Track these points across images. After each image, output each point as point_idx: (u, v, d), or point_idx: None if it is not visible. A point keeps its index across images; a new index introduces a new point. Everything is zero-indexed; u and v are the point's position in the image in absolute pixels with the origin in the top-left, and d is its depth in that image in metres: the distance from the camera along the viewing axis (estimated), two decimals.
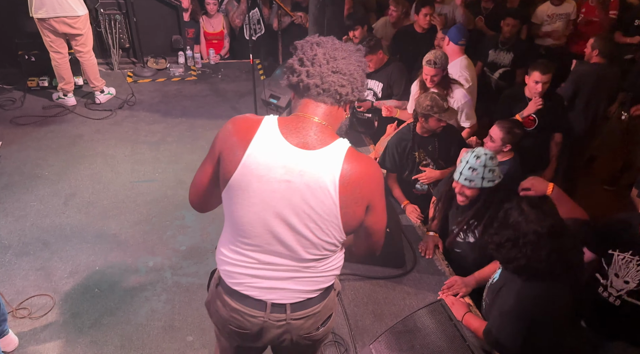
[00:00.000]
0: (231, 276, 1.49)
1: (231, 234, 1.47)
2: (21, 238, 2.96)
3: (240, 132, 1.37)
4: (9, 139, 3.96)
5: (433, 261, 2.87)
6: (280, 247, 1.42)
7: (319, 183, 1.33)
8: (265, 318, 1.49)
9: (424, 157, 3.18)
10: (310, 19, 3.91)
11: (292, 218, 1.37)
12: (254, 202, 1.37)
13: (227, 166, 1.37)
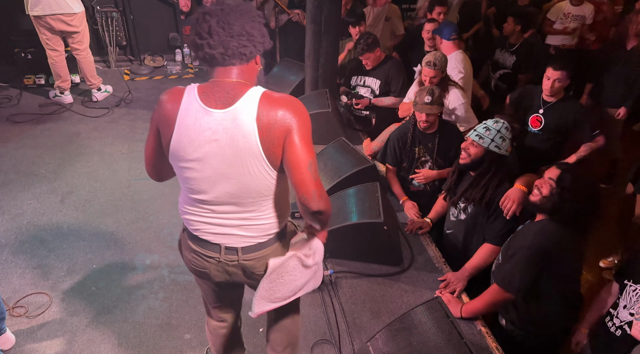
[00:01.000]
0: (190, 224, 1.71)
1: (185, 192, 1.67)
2: (18, 236, 2.95)
3: (168, 105, 1.53)
4: (5, 137, 3.95)
5: (430, 259, 2.88)
6: (226, 198, 1.59)
7: (242, 133, 1.48)
8: (220, 259, 1.70)
9: (423, 153, 3.19)
10: (308, 16, 3.90)
11: (229, 171, 1.53)
12: (194, 165, 1.54)
13: (165, 137, 1.56)
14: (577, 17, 5.11)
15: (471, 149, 2.53)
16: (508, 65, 4.52)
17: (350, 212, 2.78)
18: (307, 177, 1.54)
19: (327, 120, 3.84)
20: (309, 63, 4.11)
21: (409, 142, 3.19)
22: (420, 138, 3.15)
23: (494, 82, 4.64)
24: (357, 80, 4.12)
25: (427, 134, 3.11)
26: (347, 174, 3.10)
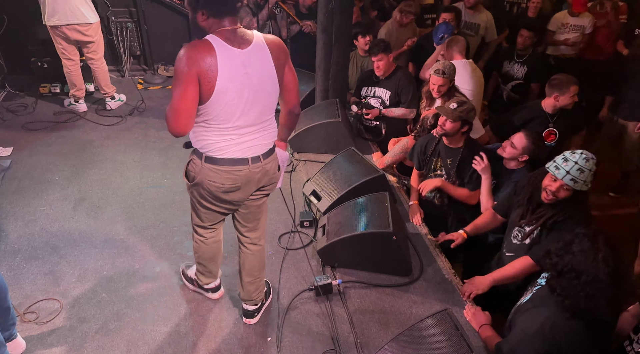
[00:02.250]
0: (221, 150, 2.04)
1: (216, 124, 1.99)
2: (30, 242, 2.99)
3: (207, 55, 1.84)
4: (20, 144, 4.01)
5: (440, 270, 2.86)
6: (252, 118, 2.02)
7: (262, 62, 1.96)
8: (250, 169, 2.10)
9: (439, 166, 3.16)
10: (319, 27, 3.94)
11: (259, 95, 1.99)
12: (235, 97, 1.92)
13: (209, 81, 1.85)
14: (576, 27, 5.09)
15: (562, 192, 2.30)
16: (520, 76, 4.51)
17: (359, 221, 2.78)
18: (297, 93, 2.22)
19: (337, 129, 3.86)
20: (319, 73, 4.14)
21: (430, 151, 3.17)
22: (441, 150, 3.12)
23: (506, 94, 4.62)
24: (367, 90, 4.14)
25: (449, 148, 3.07)
26: (357, 184, 3.11)
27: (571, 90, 3.22)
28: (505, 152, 2.91)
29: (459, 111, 2.90)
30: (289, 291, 2.71)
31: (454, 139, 3.04)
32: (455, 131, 2.97)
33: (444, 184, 3.11)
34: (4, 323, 2.20)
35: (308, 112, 4.10)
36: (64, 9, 4.03)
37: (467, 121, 2.96)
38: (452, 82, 3.41)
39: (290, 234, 3.15)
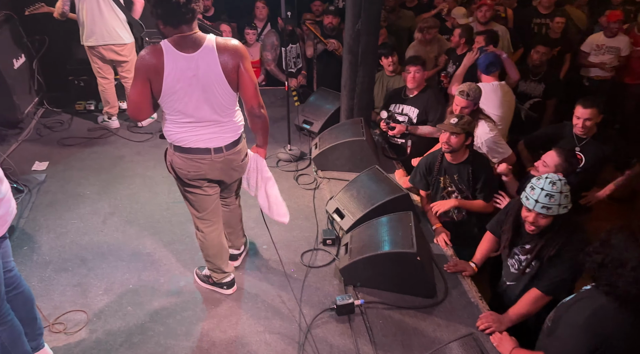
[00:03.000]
0: (183, 140, 2.32)
1: (175, 118, 2.28)
2: (61, 254, 3.08)
3: (154, 58, 2.13)
4: (55, 159, 4.17)
5: (465, 293, 2.79)
6: (209, 113, 2.28)
7: (209, 65, 2.18)
8: (212, 158, 2.36)
9: (449, 184, 3.14)
10: (345, 47, 3.99)
11: (207, 94, 2.22)
12: (182, 96, 2.20)
13: (158, 82, 2.15)
14: (611, 48, 4.99)
15: (541, 220, 2.27)
16: (537, 94, 4.45)
17: (382, 241, 2.75)
18: (255, 93, 2.35)
19: (361, 148, 3.86)
20: (344, 92, 4.18)
21: (435, 171, 3.17)
22: (446, 168, 3.12)
23: (524, 113, 4.55)
24: (395, 108, 4.14)
25: (453, 165, 3.08)
26: (380, 202, 3.09)
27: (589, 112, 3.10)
28: (539, 171, 2.85)
29: (460, 124, 2.92)
30: (310, 309, 2.70)
31: (457, 154, 3.04)
32: (461, 145, 2.97)
33: (460, 202, 3.11)
34: (31, 333, 2.26)
35: (332, 130, 4.13)
36: (101, 30, 4.22)
37: (470, 133, 2.98)
38: (477, 105, 3.39)
39: (312, 252, 3.15)
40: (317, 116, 4.62)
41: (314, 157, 4.05)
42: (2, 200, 1.92)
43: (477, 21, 5.10)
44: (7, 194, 1.97)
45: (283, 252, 3.14)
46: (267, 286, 2.88)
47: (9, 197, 1.99)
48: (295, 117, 4.63)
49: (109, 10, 4.17)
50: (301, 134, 4.66)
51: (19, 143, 4.41)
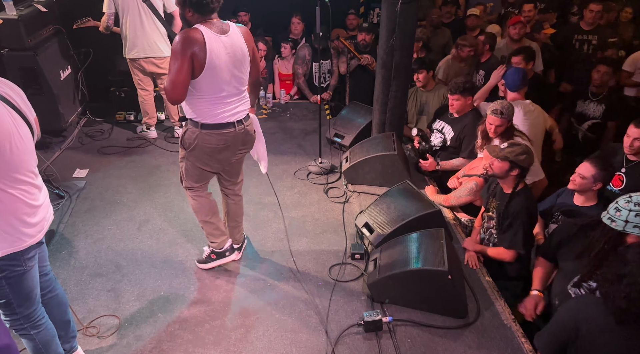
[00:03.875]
0: (215, 117, 2.61)
1: (210, 95, 2.56)
2: (97, 260, 3.17)
3: (197, 40, 2.39)
4: (95, 167, 4.33)
5: (499, 314, 2.71)
6: (234, 88, 2.62)
7: (240, 44, 2.57)
8: (236, 130, 2.70)
9: (492, 208, 3.03)
10: (379, 62, 4.00)
11: (237, 70, 2.59)
12: (220, 72, 2.51)
13: (201, 60, 2.42)
14: None
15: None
16: (597, 115, 4.27)
17: (412, 258, 2.71)
18: (260, 66, 2.93)
19: (392, 162, 3.84)
20: (377, 106, 4.18)
21: (491, 190, 3.07)
22: (498, 193, 2.98)
23: (581, 135, 4.40)
24: (438, 123, 4.10)
25: (502, 192, 2.93)
26: (411, 218, 3.06)
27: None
28: (576, 184, 2.75)
29: (506, 151, 2.78)
30: (337, 324, 2.68)
31: (505, 183, 2.90)
32: (504, 173, 2.82)
33: (481, 248, 3.05)
34: (65, 335, 2.33)
35: (364, 144, 4.13)
36: (143, 44, 4.38)
37: (517, 164, 2.77)
38: (510, 123, 3.31)
39: (340, 266, 3.13)
40: (348, 129, 4.64)
41: (345, 171, 4.05)
42: (40, 207, 2.00)
43: (510, 38, 5.01)
44: (45, 201, 2.05)
45: (311, 265, 3.14)
46: (295, 298, 2.87)
47: (47, 204, 2.07)
48: (326, 131, 4.65)
49: (151, 24, 4.34)
50: (332, 147, 4.67)
51: (61, 151, 4.60)
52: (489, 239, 3.08)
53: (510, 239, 2.84)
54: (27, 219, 1.92)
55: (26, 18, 4.20)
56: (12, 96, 1.87)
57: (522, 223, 2.79)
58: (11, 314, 2.01)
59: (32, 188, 1.94)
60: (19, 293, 1.97)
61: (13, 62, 4.23)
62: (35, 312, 2.07)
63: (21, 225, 1.90)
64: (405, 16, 3.65)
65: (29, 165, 1.93)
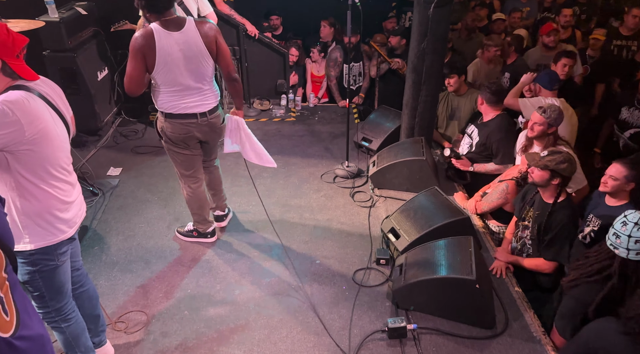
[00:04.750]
0: (173, 108, 2.84)
1: (166, 88, 2.78)
2: (127, 256, 3.25)
3: (147, 39, 2.61)
4: (128, 165, 4.44)
5: (528, 326, 2.63)
6: (193, 82, 2.80)
7: (194, 40, 2.70)
8: (198, 122, 2.89)
9: (529, 217, 2.94)
10: (409, 66, 3.97)
11: (191, 65, 2.75)
12: (173, 68, 2.70)
13: (151, 57, 2.64)
14: None
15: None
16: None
17: (439, 265, 2.67)
18: (231, 61, 2.91)
19: (420, 168, 3.79)
20: (406, 111, 4.14)
21: (528, 198, 2.97)
22: (538, 202, 2.89)
23: (622, 142, 4.23)
24: (470, 127, 4.05)
25: (542, 201, 2.84)
26: (439, 225, 3.01)
27: None
28: (608, 186, 2.65)
29: (547, 159, 2.69)
30: (360, 329, 2.66)
31: (546, 192, 2.81)
32: (544, 182, 2.74)
33: (515, 259, 2.97)
34: (95, 329, 2.39)
35: (392, 148, 4.09)
36: None
37: (558, 173, 2.68)
38: (553, 128, 3.20)
39: (365, 271, 3.11)
40: (376, 133, 4.61)
41: (371, 175, 4.03)
42: (73, 203, 2.07)
43: (544, 46, 4.87)
44: (78, 198, 2.12)
45: (335, 269, 3.14)
46: (318, 301, 2.87)
47: (80, 201, 2.14)
48: (354, 134, 4.64)
49: None
50: (359, 151, 4.66)
51: (97, 149, 4.75)
52: (522, 249, 2.99)
53: (555, 252, 2.75)
54: (60, 214, 1.99)
55: (67, 21, 4.36)
56: (51, 95, 1.94)
57: (568, 236, 2.71)
58: (43, 307, 2.08)
59: (65, 185, 2.01)
60: (51, 286, 2.04)
61: (54, 63, 4.41)
62: (66, 306, 2.14)
63: (54, 220, 1.97)
64: (438, 20, 3.61)
65: (63, 162, 2.00)
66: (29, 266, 1.96)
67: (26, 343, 1.21)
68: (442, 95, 4.47)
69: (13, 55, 1.75)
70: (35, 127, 1.79)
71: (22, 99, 1.76)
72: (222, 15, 5.05)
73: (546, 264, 2.81)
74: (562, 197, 2.77)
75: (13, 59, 1.76)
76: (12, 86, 1.79)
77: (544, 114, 3.13)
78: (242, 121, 3.09)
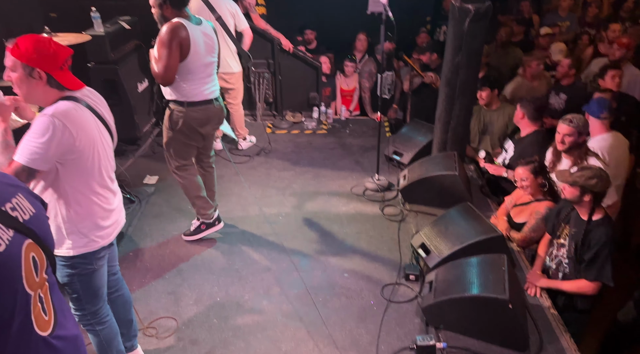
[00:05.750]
0: (199, 95, 3.08)
1: (193, 76, 3.01)
2: (160, 263, 3.33)
3: (183, 30, 2.84)
4: (164, 174, 4.56)
5: (564, 350, 2.53)
6: (211, 70, 3.12)
7: (211, 33, 3.08)
8: (215, 105, 3.20)
9: (564, 236, 2.84)
10: (442, 80, 3.94)
11: (210, 55, 3.08)
12: (201, 56, 2.99)
13: (186, 46, 2.88)
14: None
15: None
16: None
17: (470, 283, 2.61)
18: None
19: (452, 183, 3.73)
20: (438, 125, 4.10)
21: (563, 215, 2.87)
22: (572, 217, 2.79)
23: None
24: (507, 142, 4.00)
25: (579, 218, 2.74)
26: (471, 242, 2.94)
27: None
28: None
29: (576, 175, 2.60)
30: (388, 346, 2.62)
31: (581, 209, 2.71)
32: (576, 198, 2.64)
33: (552, 284, 2.85)
34: (127, 333, 2.45)
35: (423, 162, 4.05)
36: None
37: (588, 189, 2.58)
38: (582, 137, 3.11)
39: (394, 286, 3.07)
40: (408, 147, 4.58)
41: (402, 189, 3.99)
42: (114, 211, 2.14)
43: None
44: (118, 206, 2.20)
45: (363, 283, 3.11)
46: (346, 315, 2.85)
47: (120, 208, 2.22)
48: (385, 148, 4.62)
49: (222, 42, 4.54)
50: (390, 164, 4.63)
51: (135, 158, 4.91)
52: (558, 269, 2.89)
53: (597, 271, 2.63)
54: (101, 222, 2.06)
55: (111, 34, 4.57)
56: (97, 105, 2.03)
57: (610, 254, 2.60)
58: (80, 310, 2.15)
59: (108, 192, 2.09)
60: (88, 289, 2.11)
61: (98, 74, 4.61)
62: (101, 309, 2.20)
63: (95, 228, 2.04)
64: (473, 34, 3.58)
65: (107, 171, 2.08)
66: (69, 268, 2.04)
67: (62, 343, 1.25)
68: (475, 109, 4.41)
69: (57, 67, 1.83)
70: (83, 136, 1.87)
71: (71, 110, 1.85)
72: (258, 30, 5.17)
73: (588, 285, 2.68)
74: (599, 214, 2.66)
75: (57, 71, 1.83)
76: (61, 98, 1.88)
77: (571, 124, 3.06)
78: None
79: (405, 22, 4.32)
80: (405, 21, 5.25)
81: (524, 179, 3.18)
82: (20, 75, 1.80)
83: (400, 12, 3.88)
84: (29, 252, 1.17)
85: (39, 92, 1.85)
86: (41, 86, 1.83)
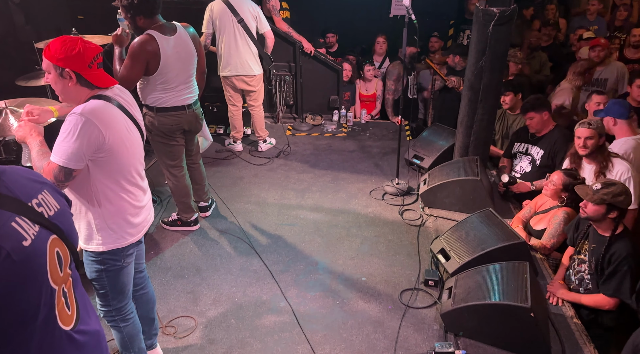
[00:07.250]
0: (167, 102, 3.17)
1: (163, 86, 3.10)
2: (180, 262, 3.37)
3: (152, 46, 2.91)
4: None
5: None
6: (183, 79, 3.18)
7: (186, 42, 3.13)
8: (187, 112, 3.28)
9: (584, 251, 2.76)
10: (466, 83, 3.89)
11: (184, 65, 3.15)
12: (171, 69, 3.06)
13: (155, 61, 2.97)
14: None
15: None
16: None
17: (491, 290, 2.56)
18: (204, 59, 3.42)
19: (474, 188, 3.68)
20: (460, 129, 4.05)
21: (582, 230, 2.80)
22: (592, 234, 2.71)
23: None
24: (519, 147, 3.91)
25: (597, 233, 2.66)
26: (492, 248, 2.89)
27: None
28: None
29: (602, 193, 2.50)
30: (406, 351, 2.59)
31: (601, 225, 2.62)
32: (600, 216, 2.56)
33: (574, 298, 2.76)
34: (148, 331, 2.48)
35: (444, 167, 4.01)
36: (236, 62, 4.66)
37: (615, 206, 2.49)
38: (602, 139, 3.03)
39: (412, 291, 3.04)
40: (429, 151, 4.54)
41: (422, 193, 3.95)
42: (143, 208, 2.18)
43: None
44: (147, 204, 2.24)
45: (381, 287, 3.09)
46: (363, 320, 2.83)
47: (149, 206, 2.26)
48: (405, 152, 4.59)
49: (244, 44, 4.61)
50: (410, 168, 4.60)
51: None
52: (581, 284, 2.80)
53: (615, 287, 2.56)
54: (131, 219, 2.10)
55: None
56: (128, 103, 2.07)
57: (629, 270, 2.51)
58: (106, 305, 2.19)
59: (137, 190, 2.13)
60: (115, 286, 2.15)
61: None
62: (126, 306, 2.24)
63: (125, 224, 2.08)
64: (497, 38, 3.53)
65: (137, 169, 2.12)
66: (98, 264, 2.08)
67: (84, 337, 1.28)
68: (500, 112, 4.35)
69: (85, 65, 1.87)
70: (113, 134, 1.91)
71: (100, 108, 1.90)
72: (280, 32, 5.20)
73: (606, 300, 2.60)
74: (619, 229, 2.58)
75: (86, 70, 1.88)
76: (93, 96, 1.93)
77: (590, 126, 3.00)
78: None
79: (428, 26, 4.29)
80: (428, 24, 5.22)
81: (555, 184, 3.11)
82: (54, 76, 1.88)
83: (422, 15, 3.84)
84: (53, 248, 1.19)
85: (71, 91, 1.91)
86: (72, 85, 1.89)
